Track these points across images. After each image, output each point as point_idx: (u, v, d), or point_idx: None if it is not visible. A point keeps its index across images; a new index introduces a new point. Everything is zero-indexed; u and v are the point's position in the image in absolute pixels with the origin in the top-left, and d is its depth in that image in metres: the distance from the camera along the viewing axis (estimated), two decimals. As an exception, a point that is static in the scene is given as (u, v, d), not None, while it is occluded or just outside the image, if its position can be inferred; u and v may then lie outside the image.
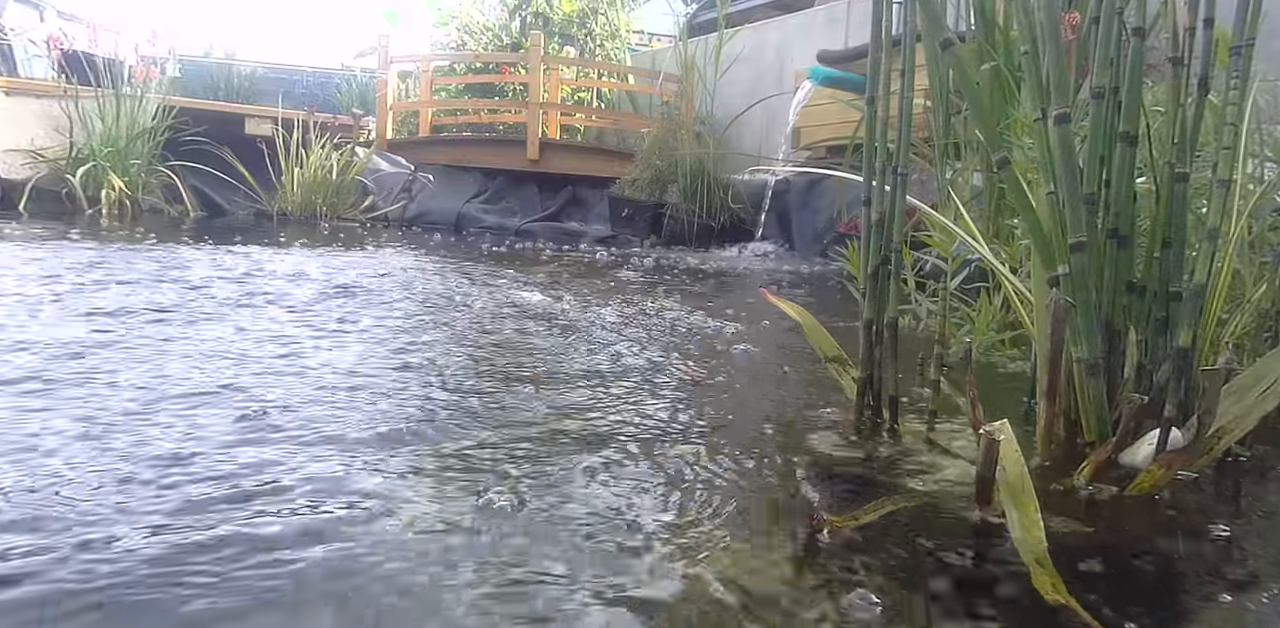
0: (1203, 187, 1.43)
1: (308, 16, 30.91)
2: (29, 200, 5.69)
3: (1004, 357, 1.91)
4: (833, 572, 0.84)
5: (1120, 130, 1.23)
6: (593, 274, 3.84)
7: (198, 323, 1.97)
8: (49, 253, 3.21)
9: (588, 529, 0.91)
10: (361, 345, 1.84)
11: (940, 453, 1.24)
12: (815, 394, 1.62)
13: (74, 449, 1.06)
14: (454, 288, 2.92)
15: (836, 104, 4.90)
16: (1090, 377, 1.19)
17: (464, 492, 1.00)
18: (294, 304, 2.33)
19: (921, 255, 2.12)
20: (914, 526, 0.97)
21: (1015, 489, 0.92)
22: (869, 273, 1.35)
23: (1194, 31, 1.27)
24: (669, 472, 1.11)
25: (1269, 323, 1.53)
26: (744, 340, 2.13)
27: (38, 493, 0.91)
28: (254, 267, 3.12)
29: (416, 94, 8.49)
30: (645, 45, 10.10)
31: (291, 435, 1.16)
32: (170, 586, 0.74)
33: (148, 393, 1.34)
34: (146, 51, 6.71)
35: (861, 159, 1.39)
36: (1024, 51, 1.22)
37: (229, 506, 0.91)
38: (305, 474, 1.01)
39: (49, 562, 0.76)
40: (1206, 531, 1.00)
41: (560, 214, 7.00)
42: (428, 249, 4.71)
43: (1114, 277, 1.24)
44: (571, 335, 2.10)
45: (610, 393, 1.52)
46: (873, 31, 1.33)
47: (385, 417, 1.28)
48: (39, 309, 2.01)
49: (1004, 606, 0.80)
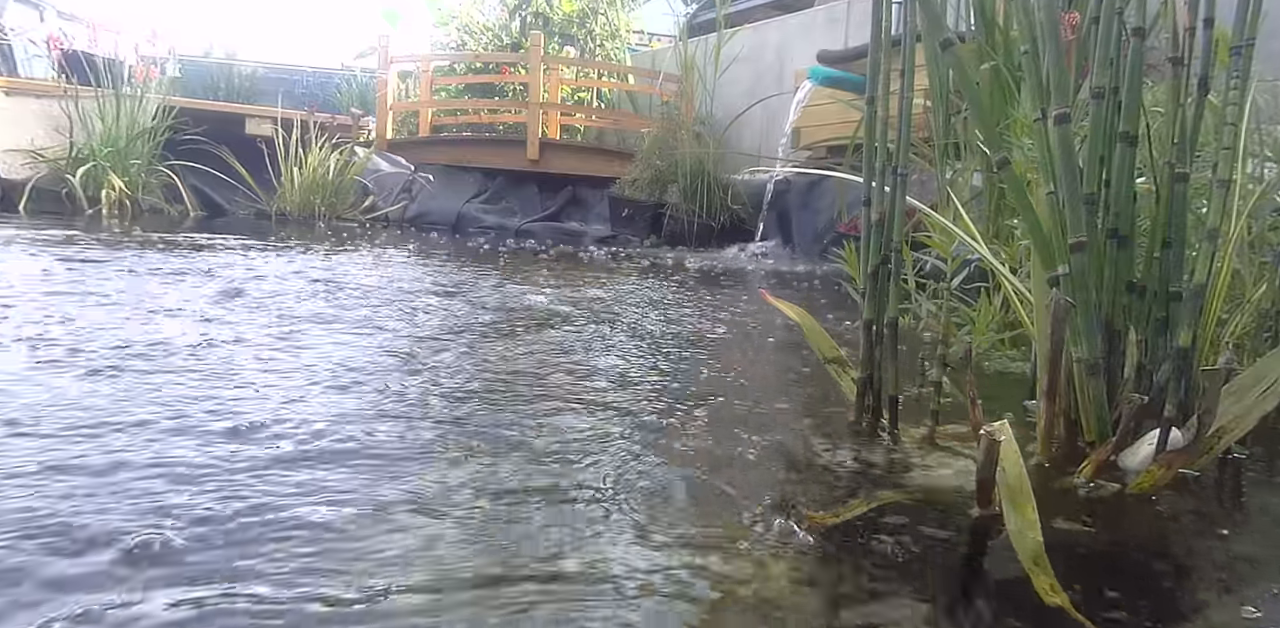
0: (1203, 187, 1.43)
1: (308, 16, 30.92)
2: (29, 200, 5.70)
3: (1004, 356, 1.91)
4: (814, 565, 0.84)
5: (1120, 130, 1.23)
6: (592, 274, 3.84)
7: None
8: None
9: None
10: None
11: (940, 453, 1.24)
12: (815, 395, 1.62)
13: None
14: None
15: (836, 104, 4.90)
16: (1090, 377, 1.19)
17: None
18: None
19: (921, 256, 2.12)
20: (908, 522, 0.97)
21: (1014, 490, 0.92)
22: (869, 273, 1.35)
23: (1194, 31, 1.27)
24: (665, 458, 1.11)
25: (1269, 323, 1.53)
26: (745, 341, 2.13)
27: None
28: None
29: (416, 94, 8.50)
30: (645, 45, 10.11)
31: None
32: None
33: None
34: (146, 51, 6.71)
35: (861, 159, 1.39)
36: (1024, 51, 1.22)
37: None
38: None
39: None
40: (1206, 530, 1.00)
41: (560, 214, 7.01)
42: (425, 252, 4.71)
43: (1114, 277, 1.24)
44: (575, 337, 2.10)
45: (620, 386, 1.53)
46: (873, 31, 1.33)
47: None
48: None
49: (997, 603, 0.80)
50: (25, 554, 0.78)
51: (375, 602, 0.73)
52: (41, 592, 0.72)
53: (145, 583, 0.74)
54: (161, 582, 0.74)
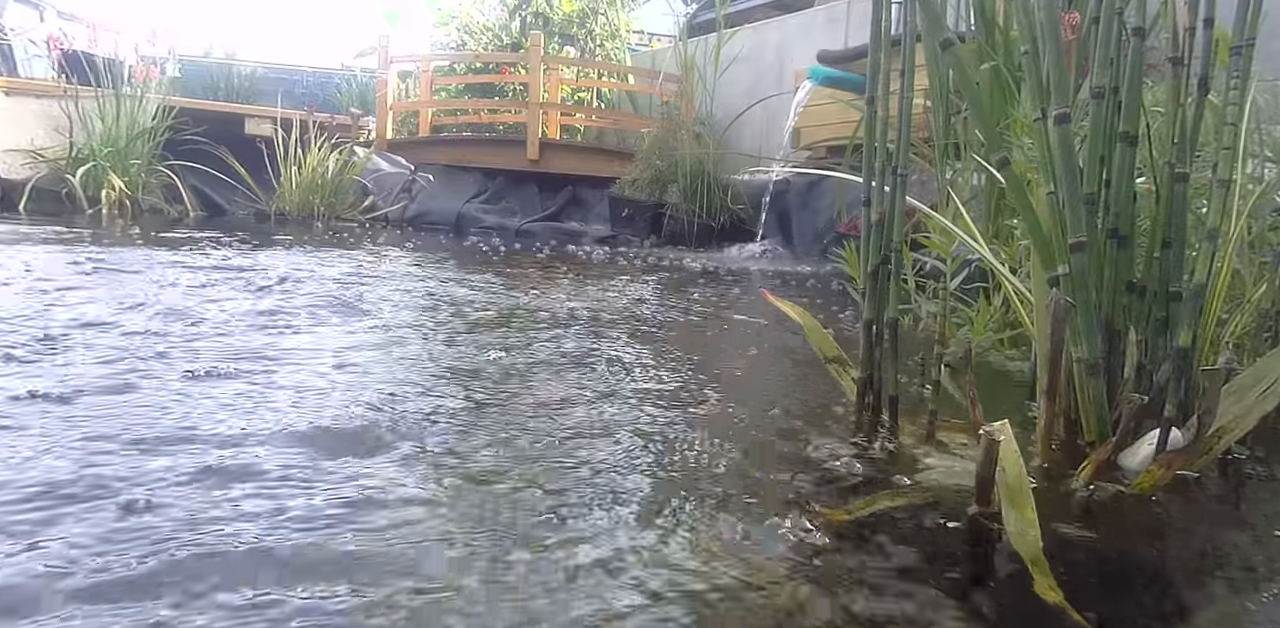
0: (1203, 187, 1.43)
1: (308, 16, 30.90)
2: (29, 200, 5.69)
3: (1004, 356, 1.91)
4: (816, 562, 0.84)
5: (1120, 130, 1.23)
6: (592, 274, 3.84)
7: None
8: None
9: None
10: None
11: (939, 453, 1.24)
12: (816, 395, 1.62)
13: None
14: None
15: (836, 104, 4.90)
16: (1090, 377, 1.19)
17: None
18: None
19: (921, 256, 2.12)
20: (909, 521, 0.97)
21: (1013, 490, 0.92)
22: (869, 273, 1.35)
23: (1194, 31, 1.27)
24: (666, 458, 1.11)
25: (1269, 323, 1.53)
26: (747, 341, 2.13)
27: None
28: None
29: (416, 94, 8.49)
30: (645, 45, 10.11)
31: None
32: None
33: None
34: (146, 51, 6.71)
35: (861, 159, 1.39)
36: (1024, 51, 1.22)
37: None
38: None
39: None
40: (1206, 530, 1.00)
41: (560, 214, 7.00)
42: (419, 255, 4.71)
43: (1114, 277, 1.24)
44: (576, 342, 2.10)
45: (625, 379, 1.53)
46: (873, 31, 1.33)
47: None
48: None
49: (995, 602, 0.80)
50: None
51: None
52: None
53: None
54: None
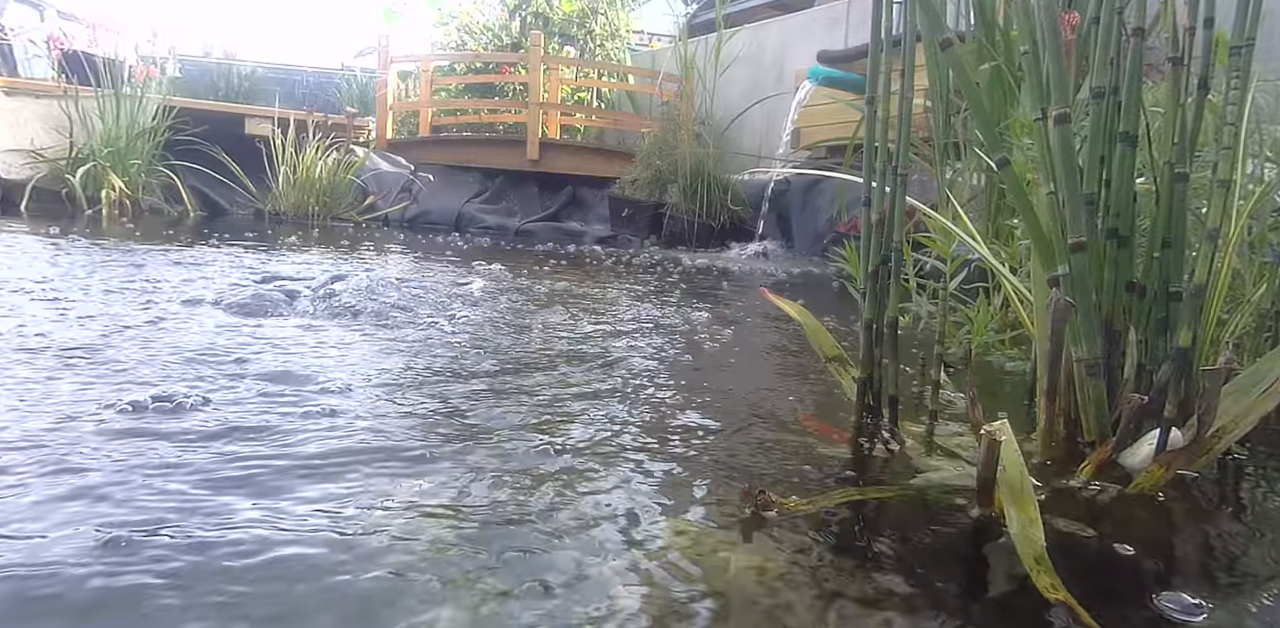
0: (1203, 187, 1.43)
1: (308, 16, 30.93)
2: (29, 200, 5.70)
3: (1004, 356, 1.91)
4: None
5: (1120, 130, 1.23)
6: (591, 273, 3.84)
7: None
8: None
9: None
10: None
11: (939, 452, 1.24)
12: (816, 396, 1.62)
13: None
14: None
15: (836, 104, 4.90)
16: (1090, 377, 1.19)
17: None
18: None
19: (921, 256, 2.12)
20: (908, 522, 0.97)
21: (1015, 489, 0.92)
22: (869, 273, 1.35)
23: (1194, 31, 1.27)
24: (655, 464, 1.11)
25: (1269, 323, 1.53)
26: (747, 340, 2.13)
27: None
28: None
29: (416, 94, 8.50)
30: (645, 45, 10.12)
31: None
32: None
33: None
34: (146, 51, 6.72)
35: (861, 160, 1.39)
36: (1024, 51, 1.22)
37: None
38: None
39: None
40: (1205, 530, 1.00)
41: (560, 214, 7.01)
42: (414, 256, 4.70)
43: (1114, 277, 1.25)
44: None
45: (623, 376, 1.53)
46: (873, 31, 1.33)
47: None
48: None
49: (990, 601, 0.80)
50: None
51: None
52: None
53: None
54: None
